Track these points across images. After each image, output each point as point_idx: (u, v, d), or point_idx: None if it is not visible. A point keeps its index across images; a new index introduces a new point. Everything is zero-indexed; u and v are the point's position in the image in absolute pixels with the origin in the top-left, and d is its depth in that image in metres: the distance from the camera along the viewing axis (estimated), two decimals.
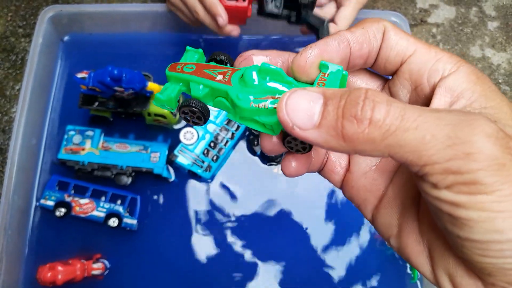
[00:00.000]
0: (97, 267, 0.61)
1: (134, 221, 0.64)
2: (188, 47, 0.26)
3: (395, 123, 0.17)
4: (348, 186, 0.26)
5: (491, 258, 0.18)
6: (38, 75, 0.68)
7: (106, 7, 0.73)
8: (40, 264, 0.60)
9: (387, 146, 0.18)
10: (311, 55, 0.22)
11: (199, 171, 0.65)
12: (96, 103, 0.63)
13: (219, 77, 0.23)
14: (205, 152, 0.66)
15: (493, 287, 0.19)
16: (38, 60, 0.68)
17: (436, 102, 0.21)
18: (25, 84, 0.66)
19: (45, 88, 0.71)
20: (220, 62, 0.25)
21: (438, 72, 0.22)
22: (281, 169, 0.25)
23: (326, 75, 0.22)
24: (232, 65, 0.25)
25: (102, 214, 0.63)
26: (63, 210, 0.63)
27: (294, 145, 0.23)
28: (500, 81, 0.81)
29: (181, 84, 0.25)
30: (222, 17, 0.57)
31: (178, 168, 0.67)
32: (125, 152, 0.65)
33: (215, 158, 0.67)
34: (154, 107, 0.64)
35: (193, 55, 0.26)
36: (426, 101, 0.23)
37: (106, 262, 0.63)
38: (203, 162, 0.66)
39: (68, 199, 0.63)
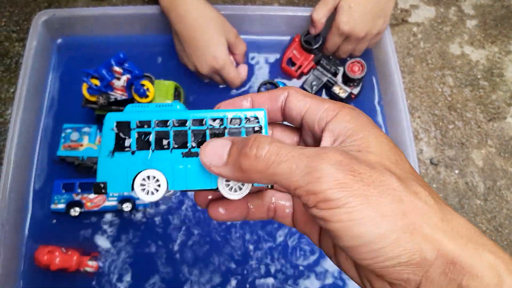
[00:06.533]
0: (91, 265, 0.63)
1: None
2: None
3: (272, 157, 0.23)
4: (297, 224, 0.31)
5: (368, 260, 0.22)
6: (32, 78, 0.70)
7: (98, 11, 0.75)
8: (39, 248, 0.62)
9: (270, 175, 0.23)
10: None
11: None
12: (100, 100, 0.65)
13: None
14: None
15: (393, 286, 0.24)
16: (32, 63, 0.70)
17: (323, 143, 0.27)
18: (20, 86, 0.68)
19: (39, 90, 0.73)
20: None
21: (323, 119, 0.27)
22: (209, 214, 0.30)
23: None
24: None
25: (114, 203, 0.66)
26: (77, 209, 0.65)
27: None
28: (478, 76, 0.85)
29: None
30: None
31: None
32: None
33: None
34: (157, 100, 0.67)
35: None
36: (319, 144, 0.28)
37: (101, 263, 0.65)
38: None
39: (77, 197, 0.65)
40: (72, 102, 0.71)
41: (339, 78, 0.74)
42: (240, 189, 0.27)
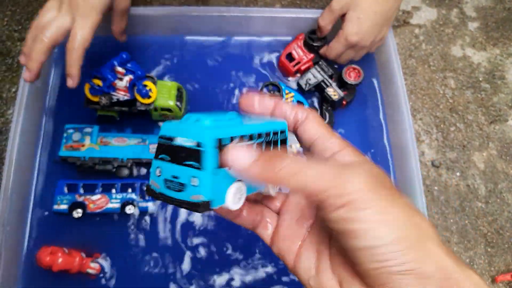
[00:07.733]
0: (93, 267, 0.63)
1: (149, 204, 0.66)
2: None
3: (301, 165, 0.26)
4: (276, 238, 0.33)
5: (380, 262, 0.24)
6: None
7: None
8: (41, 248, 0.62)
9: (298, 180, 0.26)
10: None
11: None
12: (102, 100, 0.65)
13: None
14: None
15: None
16: None
17: None
18: (22, 86, 0.68)
19: (41, 89, 0.73)
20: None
21: (330, 150, 0.30)
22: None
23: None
24: None
25: (117, 205, 0.65)
26: (80, 211, 0.64)
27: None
28: (480, 79, 0.85)
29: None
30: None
31: None
32: (124, 146, 0.68)
33: None
34: (159, 101, 0.67)
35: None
36: None
37: (103, 265, 0.64)
38: None
39: (80, 199, 0.65)
40: (74, 102, 0.71)
41: (334, 82, 0.74)
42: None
